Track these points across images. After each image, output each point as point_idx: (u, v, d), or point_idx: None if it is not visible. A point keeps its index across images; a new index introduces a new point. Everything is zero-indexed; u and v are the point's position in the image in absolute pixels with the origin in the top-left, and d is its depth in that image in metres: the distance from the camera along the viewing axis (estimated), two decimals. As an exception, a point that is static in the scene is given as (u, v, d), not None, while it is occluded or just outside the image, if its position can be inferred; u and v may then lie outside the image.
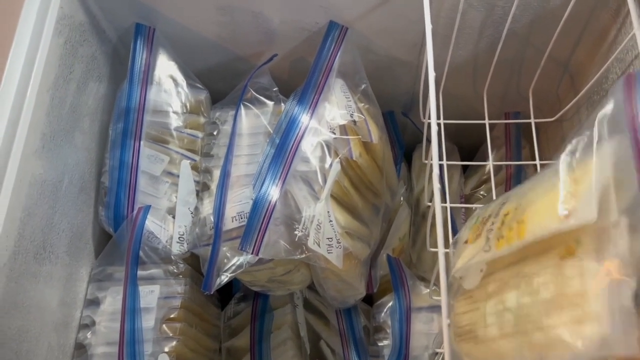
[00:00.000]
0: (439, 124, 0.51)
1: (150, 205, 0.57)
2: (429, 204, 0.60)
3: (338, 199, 0.59)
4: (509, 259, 0.42)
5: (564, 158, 0.42)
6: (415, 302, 0.68)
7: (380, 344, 0.69)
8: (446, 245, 0.48)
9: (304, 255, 0.53)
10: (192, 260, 0.61)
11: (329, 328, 0.72)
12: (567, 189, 0.38)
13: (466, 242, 0.47)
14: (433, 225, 0.55)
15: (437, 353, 0.67)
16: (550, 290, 0.37)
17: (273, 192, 0.53)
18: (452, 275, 0.46)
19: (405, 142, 0.79)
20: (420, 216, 0.77)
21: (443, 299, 0.43)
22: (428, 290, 0.68)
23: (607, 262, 0.34)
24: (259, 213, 0.52)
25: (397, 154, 0.76)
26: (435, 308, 0.68)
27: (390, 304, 0.69)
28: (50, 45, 0.49)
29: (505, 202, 0.46)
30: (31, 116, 0.46)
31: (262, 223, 0.52)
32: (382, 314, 0.70)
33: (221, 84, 0.65)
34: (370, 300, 0.75)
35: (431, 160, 0.46)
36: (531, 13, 0.56)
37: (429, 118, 0.50)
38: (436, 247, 0.56)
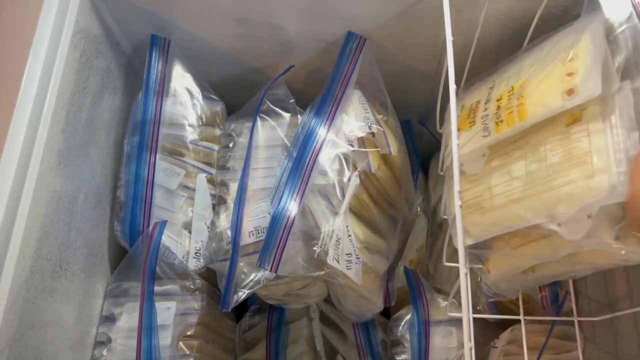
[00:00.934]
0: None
1: (166, 221, 0.56)
2: (445, 216, 0.59)
3: (357, 212, 0.58)
4: (511, 139, 0.47)
5: (558, 39, 0.46)
6: (433, 315, 0.67)
7: (398, 358, 0.68)
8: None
9: (322, 272, 0.52)
10: (208, 274, 0.60)
11: (346, 342, 0.71)
12: (565, 67, 0.42)
13: (458, 130, 0.49)
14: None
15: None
16: (559, 154, 0.42)
17: (291, 207, 0.52)
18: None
19: (421, 151, 0.78)
20: (437, 226, 0.76)
21: (465, 320, 0.43)
22: (446, 303, 0.67)
23: (613, 119, 0.40)
24: (277, 228, 0.51)
25: (414, 163, 0.75)
26: (454, 322, 0.67)
27: (408, 317, 0.68)
28: (66, 60, 0.48)
29: (492, 86, 0.50)
30: (47, 133, 0.46)
31: (280, 239, 0.51)
32: (400, 328, 0.69)
33: (237, 96, 0.64)
34: (387, 312, 0.73)
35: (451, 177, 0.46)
36: (554, 21, 0.55)
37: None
38: (451, 261, 0.57)
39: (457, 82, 0.59)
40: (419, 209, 0.75)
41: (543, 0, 0.50)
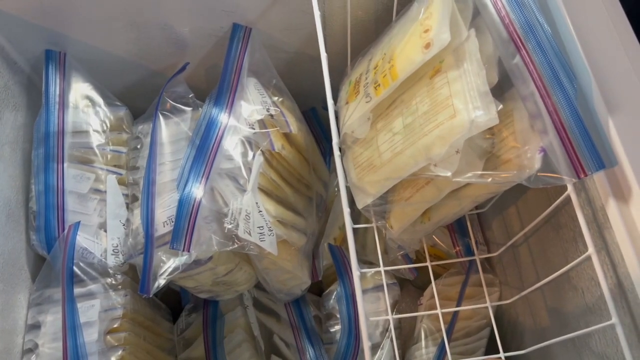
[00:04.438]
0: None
1: (79, 222, 0.58)
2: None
3: (267, 191, 0.61)
4: (389, 100, 0.52)
5: (415, 5, 0.51)
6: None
7: (332, 330, 0.71)
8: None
9: (236, 245, 0.55)
10: (134, 274, 0.61)
11: (280, 323, 0.73)
12: (422, 25, 0.47)
13: (347, 103, 0.55)
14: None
15: (387, 329, 0.69)
16: (426, 103, 0.47)
17: (197, 190, 0.55)
18: (344, 133, 0.53)
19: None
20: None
21: (351, 247, 0.46)
22: (371, 272, 0.70)
23: (465, 65, 0.45)
24: (185, 211, 0.54)
25: (325, 147, 0.79)
26: (380, 287, 0.71)
27: (337, 290, 0.72)
28: (-45, 76, 0.50)
29: (371, 58, 0.56)
30: (-57, 146, 0.47)
31: (189, 220, 0.53)
32: (331, 301, 0.72)
33: (141, 101, 0.67)
34: (321, 292, 0.76)
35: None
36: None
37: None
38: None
39: (344, 62, 0.64)
40: (336, 190, 0.79)
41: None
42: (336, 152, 0.47)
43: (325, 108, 0.81)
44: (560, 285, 0.52)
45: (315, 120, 0.81)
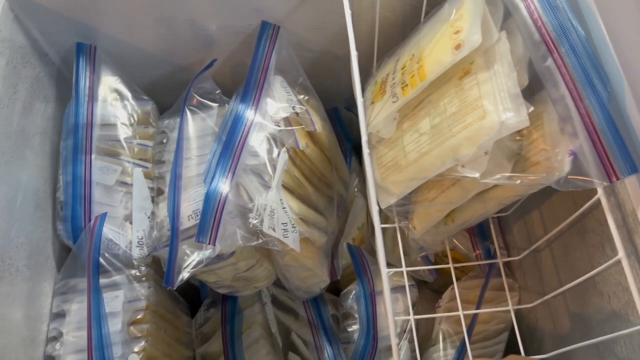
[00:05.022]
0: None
1: (106, 213, 0.58)
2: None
3: (290, 189, 0.62)
4: (416, 101, 0.52)
5: (446, 6, 0.52)
6: (379, 285, 0.71)
7: (349, 329, 0.71)
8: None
9: (260, 241, 0.55)
10: (157, 266, 0.62)
11: (298, 320, 0.73)
12: (452, 27, 0.48)
13: (372, 103, 0.55)
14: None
15: (405, 330, 0.69)
16: (455, 104, 0.47)
17: (223, 185, 0.55)
18: (369, 132, 0.53)
19: (353, 137, 0.82)
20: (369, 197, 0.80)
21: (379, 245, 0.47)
22: (392, 273, 0.71)
23: (495, 66, 0.45)
24: (211, 205, 0.54)
25: (346, 147, 0.80)
26: (399, 289, 0.71)
27: (355, 290, 0.72)
28: (-9, 65, 0.51)
29: (398, 58, 0.56)
30: (-23, 133, 0.48)
31: (215, 214, 0.54)
32: (349, 301, 0.72)
33: (167, 96, 0.67)
34: (338, 292, 0.77)
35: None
36: None
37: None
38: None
39: (369, 62, 0.65)
40: (356, 190, 0.79)
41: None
42: (365, 150, 0.47)
43: (348, 108, 0.82)
44: (584, 290, 0.52)
45: (337, 120, 0.81)
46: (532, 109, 0.44)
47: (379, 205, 0.53)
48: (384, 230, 0.77)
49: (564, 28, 0.44)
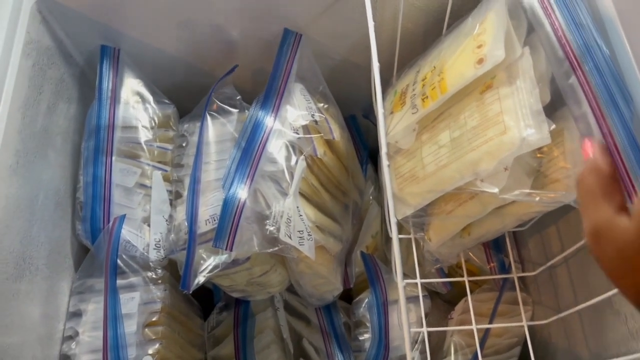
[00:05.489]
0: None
1: (125, 215, 0.59)
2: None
3: (307, 196, 0.62)
4: (436, 113, 0.52)
5: (469, 20, 0.52)
6: (391, 294, 0.71)
7: (361, 338, 0.71)
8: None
9: (277, 248, 0.56)
10: (172, 269, 0.63)
11: (310, 327, 0.74)
12: (475, 41, 0.48)
13: (391, 113, 0.55)
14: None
15: (417, 341, 0.69)
16: (475, 118, 0.47)
17: (242, 191, 0.56)
18: (387, 142, 0.53)
19: (369, 145, 0.83)
20: (386, 208, 0.80)
21: (397, 258, 0.47)
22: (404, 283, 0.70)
23: (518, 82, 0.45)
24: (229, 211, 0.54)
25: (362, 155, 0.80)
26: (412, 299, 0.71)
27: (368, 299, 0.72)
28: (19, 67, 0.52)
29: (419, 70, 0.56)
30: (4, 133, 0.49)
31: (233, 220, 0.54)
32: (361, 309, 0.72)
33: (189, 100, 0.68)
34: (350, 299, 0.77)
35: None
36: (468, 5, 0.61)
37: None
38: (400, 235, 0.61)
39: (390, 73, 0.65)
40: (371, 198, 0.79)
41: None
42: (385, 162, 0.47)
43: (366, 116, 0.82)
44: (600, 309, 0.52)
45: (354, 127, 0.82)
46: (553, 126, 0.44)
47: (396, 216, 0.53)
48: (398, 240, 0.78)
49: (588, 46, 0.44)
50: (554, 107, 0.48)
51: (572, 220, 0.58)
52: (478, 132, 0.48)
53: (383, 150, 0.48)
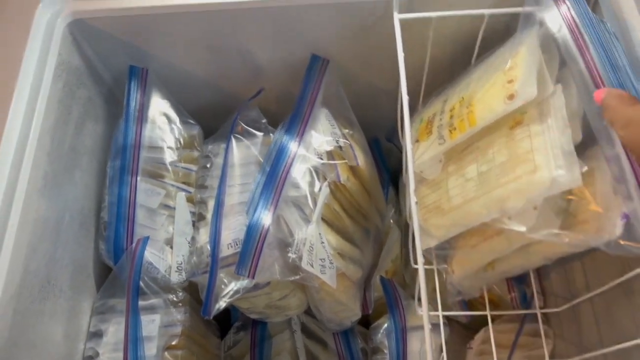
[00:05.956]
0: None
1: (148, 237, 0.59)
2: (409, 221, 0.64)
3: (329, 222, 0.62)
4: (463, 145, 0.51)
5: (500, 53, 0.51)
6: (410, 321, 0.70)
7: (378, 364, 0.71)
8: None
9: (298, 276, 0.55)
10: (192, 290, 0.63)
11: (327, 351, 0.73)
12: (506, 75, 0.47)
13: (417, 141, 0.55)
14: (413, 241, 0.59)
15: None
16: (504, 154, 0.47)
17: (266, 217, 0.55)
18: (414, 171, 0.52)
19: (391, 167, 0.82)
20: (410, 238, 0.80)
21: (423, 292, 0.46)
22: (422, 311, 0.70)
23: (549, 120, 0.44)
24: (253, 237, 0.54)
25: (384, 178, 0.79)
26: (432, 326, 0.70)
27: (386, 324, 0.71)
28: (50, 90, 0.52)
29: (446, 99, 0.55)
30: (34, 157, 0.49)
31: (256, 247, 0.54)
32: (379, 335, 0.71)
33: (213, 121, 0.68)
34: (367, 323, 0.76)
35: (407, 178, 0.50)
36: (498, 36, 0.60)
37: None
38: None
39: (415, 99, 0.64)
40: (391, 221, 0.79)
41: (485, 18, 0.55)
42: (413, 199, 0.47)
43: (389, 139, 0.81)
44: (627, 352, 0.51)
45: (377, 151, 0.81)
46: (585, 168, 0.44)
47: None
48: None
49: (623, 87, 0.43)
50: (586, 144, 0.47)
51: (599, 257, 0.57)
52: (506, 169, 0.47)
53: (411, 187, 0.47)
